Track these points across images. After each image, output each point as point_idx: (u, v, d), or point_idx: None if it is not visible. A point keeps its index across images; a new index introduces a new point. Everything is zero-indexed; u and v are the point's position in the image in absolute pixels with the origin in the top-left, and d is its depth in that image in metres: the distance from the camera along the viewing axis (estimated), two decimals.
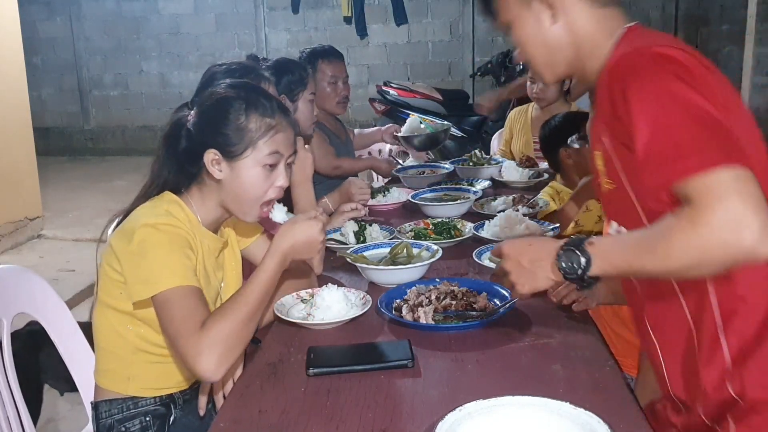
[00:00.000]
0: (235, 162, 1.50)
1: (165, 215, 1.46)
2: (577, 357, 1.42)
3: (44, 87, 8.95)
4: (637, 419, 1.20)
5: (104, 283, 1.51)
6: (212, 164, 1.50)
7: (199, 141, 1.51)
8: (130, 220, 1.47)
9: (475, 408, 1.17)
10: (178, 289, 1.36)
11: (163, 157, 1.56)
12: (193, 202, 1.55)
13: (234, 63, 2.05)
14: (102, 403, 1.56)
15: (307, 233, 1.48)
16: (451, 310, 1.62)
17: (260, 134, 1.50)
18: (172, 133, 1.55)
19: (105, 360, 1.57)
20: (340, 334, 1.59)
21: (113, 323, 1.53)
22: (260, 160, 1.50)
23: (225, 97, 1.52)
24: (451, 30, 8.11)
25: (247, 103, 1.50)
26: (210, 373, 1.30)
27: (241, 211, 1.55)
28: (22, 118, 5.58)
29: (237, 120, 1.49)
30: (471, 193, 2.66)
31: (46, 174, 6.31)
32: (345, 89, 3.14)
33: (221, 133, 1.49)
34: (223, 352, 1.31)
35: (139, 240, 1.40)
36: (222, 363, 1.31)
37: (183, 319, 1.33)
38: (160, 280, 1.36)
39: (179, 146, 1.54)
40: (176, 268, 1.38)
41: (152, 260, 1.38)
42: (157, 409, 1.55)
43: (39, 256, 5.21)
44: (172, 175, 1.55)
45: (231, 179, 1.51)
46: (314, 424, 1.22)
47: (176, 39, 8.75)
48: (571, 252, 1.14)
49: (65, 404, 2.68)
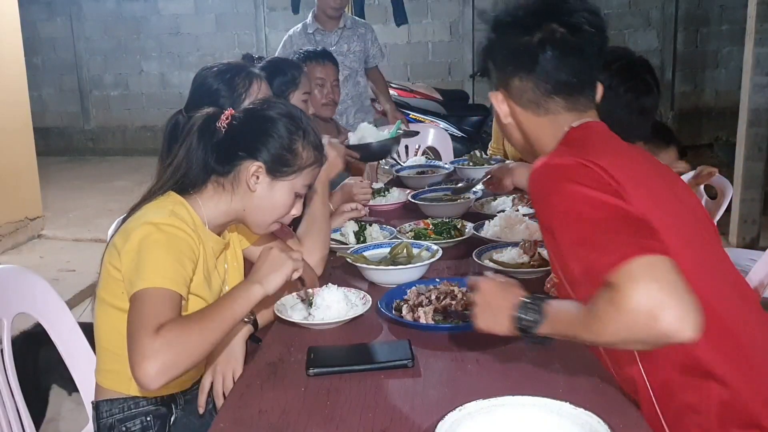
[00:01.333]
0: (276, 181, 1.53)
1: (170, 215, 1.45)
2: (577, 357, 1.42)
3: (44, 87, 8.95)
4: (637, 419, 1.20)
5: (106, 281, 1.51)
6: (252, 174, 1.51)
7: (240, 146, 1.52)
8: (134, 218, 1.47)
9: (475, 408, 1.17)
10: (158, 290, 1.33)
11: (186, 154, 1.53)
12: (202, 203, 1.54)
13: (224, 64, 2.02)
14: (103, 402, 1.56)
15: (266, 255, 1.46)
16: (451, 310, 1.62)
17: (307, 164, 1.56)
18: (203, 129, 1.53)
19: (107, 360, 1.56)
20: (340, 334, 1.59)
21: (116, 323, 1.50)
22: (296, 188, 1.56)
23: (282, 117, 1.55)
24: (451, 30, 8.11)
25: (304, 131, 1.56)
26: (148, 379, 1.23)
27: (255, 224, 1.57)
28: (22, 118, 5.58)
29: (293, 143, 1.53)
30: (471, 193, 2.66)
31: (46, 174, 6.31)
32: (333, 93, 3.09)
33: (272, 149, 1.51)
34: (168, 360, 1.24)
35: (139, 238, 1.39)
36: (163, 373, 1.24)
37: (146, 317, 1.29)
38: (146, 279, 1.34)
39: (210, 141, 1.53)
40: (165, 271, 1.36)
41: (146, 258, 1.37)
42: (158, 409, 1.55)
43: (39, 256, 5.21)
44: (190, 172, 1.53)
45: (264, 195, 1.53)
46: (314, 424, 1.22)
47: (176, 39, 8.75)
48: (529, 308, 1.21)
49: (70, 404, 2.68)
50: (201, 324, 1.32)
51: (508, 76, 1.34)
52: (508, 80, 1.34)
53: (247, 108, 1.60)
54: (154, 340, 1.25)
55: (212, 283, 1.57)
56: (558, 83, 1.31)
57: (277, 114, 1.55)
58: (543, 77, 1.31)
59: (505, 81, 1.35)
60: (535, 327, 1.20)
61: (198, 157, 1.53)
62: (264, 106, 1.59)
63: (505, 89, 1.36)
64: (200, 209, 1.53)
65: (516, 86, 1.34)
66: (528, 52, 1.30)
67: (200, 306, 1.46)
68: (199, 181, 1.54)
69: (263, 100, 1.66)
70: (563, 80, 1.31)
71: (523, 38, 1.30)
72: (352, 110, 3.95)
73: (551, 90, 1.32)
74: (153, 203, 1.50)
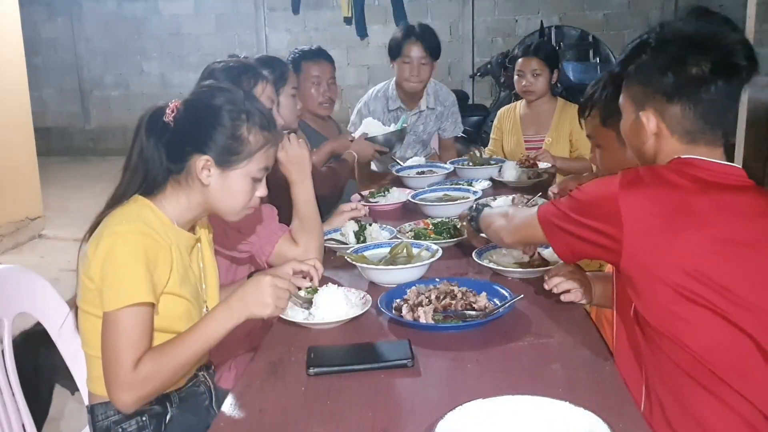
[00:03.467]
0: (228, 171, 1.49)
1: (135, 220, 1.43)
2: (577, 357, 1.43)
3: (45, 87, 8.95)
4: (637, 419, 1.20)
5: (83, 292, 1.48)
6: (201, 169, 1.47)
7: (187, 141, 1.48)
8: (102, 226, 1.44)
9: (475, 408, 1.17)
10: (129, 309, 1.35)
11: (141, 149, 1.50)
12: (166, 203, 1.51)
13: (232, 61, 2.04)
14: (98, 406, 1.54)
15: (257, 291, 1.43)
16: (451, 310, 1.63)
17: (257, 148, 1.50)
18: (151, 123, 1.50)
19: (96, 367, 1.51)
20: (340, 334, 1.59)
21: (98, 330, 1.47)
22: (252, 173, 1.51)
23: (223, 104, 1.49)
24: (450, 30, 8.11)
25: (248, 114, 1.49)
26: (125, 407, 1.36)
27: (223, 214, 1.55)
28: (23, 118, 5.58)
29: (237, 130, 1.48)
30: (471, 193, 2.66)
31: (47, 174, 6.32)
32: (330, 91, 3.07)
33: (217, 140, 1.47)
34: (145, 393, 1.37)
35: (105, 250, 1.38)
36: (140, 401, 1.37)
37: (124, 347, 1.34)
38: (115, 297, 1.35)
39: (160, 139, 1.49)
40: (131, 284, 1.36)
41: (112, 273, 1.37)
42: (153, 408, 1.54)
43: (40, 256, 5.22)
44: (148, 174, 1.50)
45: (218, 187, 1.49)
46: (314, 424, 1.22)
47: (177, 40, 8.75)
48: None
49: (73, 403, 2.68)
50: (177, 354, 1.39)
51: (668, 101, 1.34)
52: (668, 105, 1.34)
53: (187, 99, 1.53)
54: (133, 376, 1.34)
55: (190, 279, 1.55)
56: (719, 118, 1.34)
57: (217, 102, 1.49)
58: (708, 109, 1.32)
59: (663, 104, 1.35)
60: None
61: (152, 156, 1.49)
62: (203, 96, 1.53)
63: (659, 111, 1.36)
64: (165, 209, 1.50)
65: (674, 112, 1.34)
66: (700, 83, 1.31)
67: (181, 305, 1.48)
68: (159, 181, 1.51)
69: (203, 88, 1.58)
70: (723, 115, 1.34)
71: (693, 68, 1.31)
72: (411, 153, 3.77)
73: (712, 123, 1.34)
74: (119, 209, 1.47)
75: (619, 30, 7.79)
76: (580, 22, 7.63)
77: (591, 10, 7.93)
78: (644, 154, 1.42)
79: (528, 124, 3.54)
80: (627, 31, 7.77)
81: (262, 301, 1.42)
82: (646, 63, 1.37)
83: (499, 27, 8.08)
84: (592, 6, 7.93)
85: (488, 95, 7.71)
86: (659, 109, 1.36)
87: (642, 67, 1.38)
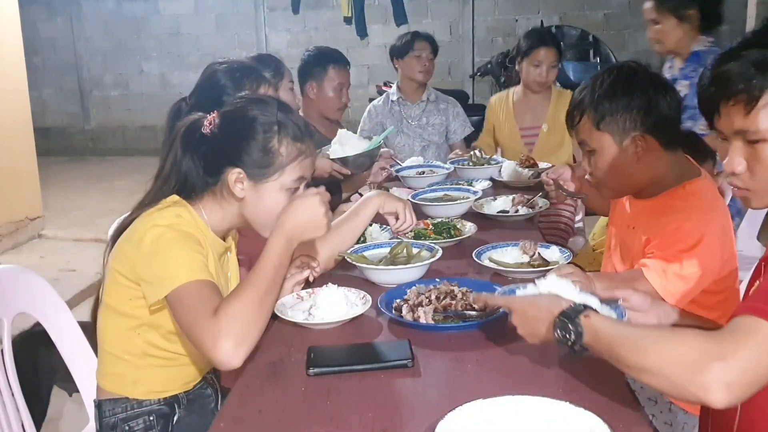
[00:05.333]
0: (261, 184, 1.48)
1: (174, 217, 1.44)
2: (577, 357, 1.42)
3: (45, 87, 8.95)
4: (637, 419, 1.20)
5: (112, 288, 1.49)
6: (235, 183, 1.47)
7: (222, 154, 1.48)
8: (139, 225, 1.45)
9: (475, 408, 1.17)
10: (192, 283, 1.34)
11: (176, 160, 1.50)
12: (204, 211, 1.52)
13: (235, 62, 2.04)
14: (105, 401, 1.55)
15: (309, 211, 1.44)
16: (451, 310, 1.62)
17: (290, 159, 1.48)
18: (188, 135, 1.50)
19: (110, 363, 1.56)
20: (340, 334, 1.59)
21: (121, 328, 1.51)
22: (286, 185, 1.49)
23: (256, 116, 1.48)
24: (451, 30, 8.11)
25: (279, 125, 1.48)
26: (229, 356, 1.27)
27: (258, 228, 1.54)
28: (22, 118, 5.58)
29: (268, 143, 1.46)
30: (471, 193, 2.66)
31: (46, 174, 6.31)
32: (347, 97, 3.18)
33: (249, 153, 1.46)
34: (239, 333, 1.27)
35: (151, 240, 1.38)
36: (240, 345, 1.27)
37: (197, 307, 1.31)
38: (174, 276, 1.34)
39: (197, 151, 1.50)
40: (189, 264, 1.36)
41: (165, 258, 1.37)
42: (161, 408, 1.55)
43: (39, 256, 5.22)
44: (185, 180, 1.51)
45: (253, 200, 1.49)
46: (314, 424, 1.22)
47: (176, 39, 8.75)
48: (566, 323, 1.20)
49: (72, 404, 2.68)
50: (248, 289, 1.34)
51: None
52: None
53: (224, 111, 1.53)
54: (216, 320, 1.28)
55: (221, 286, 1.54)
56: None
57: (250, 114, 1.49)
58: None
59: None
60: (577, 342, 1.19)
61: (187, 168, 1.50)
62: (237, 107, 1.52)
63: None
64: (203, 215, 1.51)
65: None
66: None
67: None
68: (197, 190, 1.52)
69: (237, 99, 1.58)
70: None
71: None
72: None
73: None
74: (156, 208, 1.48)
75: (619, 30, 7.78)
76: (580, 22, 7.63)
77: (591, 10, 7.92)
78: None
79: (522, 113, 3.49)
80: (627, 31, 7.77)
81: (320, 222, 1.44)
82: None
83: (499, 27, 8.07)
84: (592, 6, 7.92)
85: (488, 95, 7.69)
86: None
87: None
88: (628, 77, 1.73)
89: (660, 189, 1.76)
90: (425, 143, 3.76)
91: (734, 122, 1.13)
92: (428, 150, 3.76)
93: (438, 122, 3.77)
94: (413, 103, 3.74)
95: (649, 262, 1.67)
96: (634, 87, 1.71)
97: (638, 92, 1.70)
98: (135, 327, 1.50)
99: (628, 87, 1.72)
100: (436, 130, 3.78)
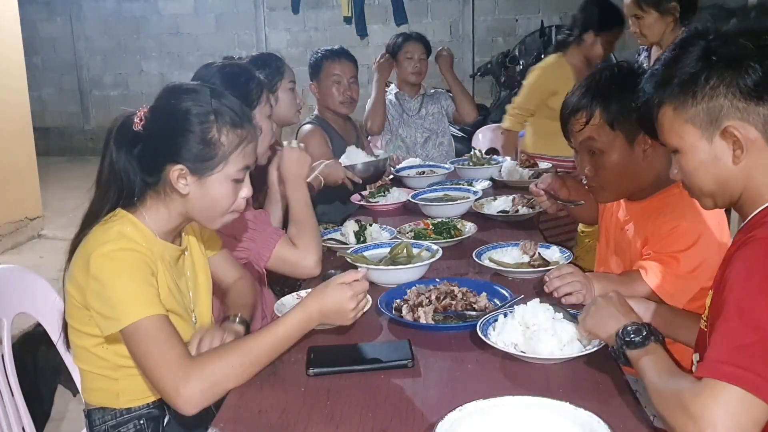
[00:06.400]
0: (205, 178, 1.41)
1: (117, 238, 1.38)
2: (578, 357, 1.42)
3: (44, 87, 8.95)
4: (637, 419, 1.20)
5: (72, 309, 1.46)
6: (177, 179, 1.40)
7: (159, 152, 1.41)
8: (85, 246, 1.40)
9: (475, 408, 1.17)
10: (145, 321, 1.31)
11: (112, 162, 1.44)
12: (147, 215, 1.45)
13: (227, 64, 2.00)
14: (95, 410, 1.52)
15: (336, 301, 1.41)
16: (451, 310, 1.62)
17: (233, 148, 1.42)
18: (120, 135, 1.43)
19: (90, 380, 1.53)
20: (340, 335, 1.59)
21: (88, 346, 1.47)
22: (231, 175, 1.43)
23: (189, 107, 1.40)
24: (451, 30, 8.11)
25: (216, 114, 1.40)
26: (188, 408, 1.29)
27: (204, 222, 1.50)
28: (22, 118, 5.58)
29: (207, 134, 1.40)
30: (471, 193, 2.66)
31: (46, 174, 6.31)
32: (351, 90, 3.13)
33: (188, 147, 1.39)
34: (207, 392, 1.30)
35: (95, 272, 1.33)
36: (203, 402, 1.30)
37: (159, 352, 1.30)
38: (125, 313, 1.31)
39: (132, 151, 1.42)
40: (139, 299, 1.32)
41: (113, 292, 1.32)
42: (151, 412, 1.52)
43: (39, 256, 5.21)
44: (124, 188, 1.44)
45: (198, 195, 1.42)
46: (314, 424, 1.22)
47: (176, 39, 8.75)
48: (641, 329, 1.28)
49: (75, 404, 2.68)
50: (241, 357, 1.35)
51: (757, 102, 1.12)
52: (755, 108, 1.12)
53: (153, 105, 1.44)
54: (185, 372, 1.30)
55: (180, 291, 1.52)
56: None
57: (182, 105, 1.40)
58: None
59: (748, 110, 1.13)
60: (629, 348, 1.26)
61: (125, 169, 1.43)
62: (168, 100, 1.43)
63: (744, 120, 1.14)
64: (146, 222, 1.45)
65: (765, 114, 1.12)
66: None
67: (173, 319, 1.40)
68: (138, 193, 1.45)
69: (167, 91, 1.46)
70: None
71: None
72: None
73: None
74: (99, 228, 1.42)
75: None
76: None
77: None
78: (728, 185, 1.18)
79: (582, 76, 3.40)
80: (627, 31, 7.75)
81: (345, 316, 1.43)
82: (717, 67, 1.13)
83: (499, 27, 8.07)
84: None
85: (488, 95, 7.70)
86: (744, 119, 1.13)
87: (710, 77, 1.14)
88: (630, 77, 1.73)
89: (655, 189, 1.76)
90: (427, 134, 3.82)
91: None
92: (429, 142, 3.83)
93: (436, 110, 3.84)
94: (411, 97, 3.84)
95: (647, 263, 1.67)
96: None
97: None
98: (101, 343, 1.46)
99: (636, 86, 1.71)
100: (435, 118, 3.85)
